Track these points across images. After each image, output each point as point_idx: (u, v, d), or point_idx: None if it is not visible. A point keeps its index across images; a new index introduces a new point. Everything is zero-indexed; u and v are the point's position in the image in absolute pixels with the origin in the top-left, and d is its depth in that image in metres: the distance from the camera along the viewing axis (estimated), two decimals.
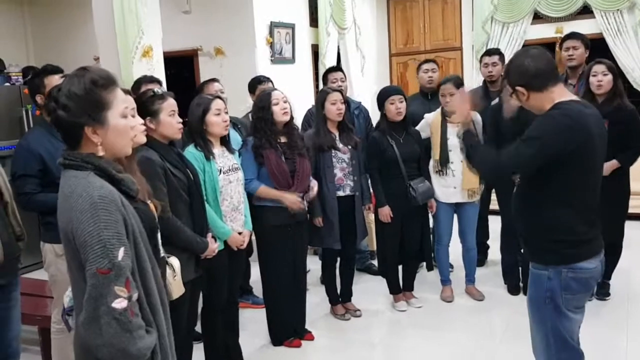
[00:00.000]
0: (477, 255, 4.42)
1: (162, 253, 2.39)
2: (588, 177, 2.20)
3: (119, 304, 1.45)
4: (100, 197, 1.48)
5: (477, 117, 4.01)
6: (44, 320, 3.34)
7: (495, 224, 4.50)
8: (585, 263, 2.21)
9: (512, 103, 3.17)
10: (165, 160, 2.56)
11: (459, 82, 3.92)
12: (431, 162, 3.97)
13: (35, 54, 6.22)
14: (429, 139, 3.95)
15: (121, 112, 1.59)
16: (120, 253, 1.47)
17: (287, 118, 3.31)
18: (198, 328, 3.20)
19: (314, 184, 3.48)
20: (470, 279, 4.21)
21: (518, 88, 2.20)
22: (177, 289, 2.44)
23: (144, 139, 2.10)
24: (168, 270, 2.40)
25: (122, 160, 1.99)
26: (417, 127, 3.99)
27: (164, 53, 4.38)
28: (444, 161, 3.89)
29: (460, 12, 7.13)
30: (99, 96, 1.54)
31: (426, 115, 4.04)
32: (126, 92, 2.16)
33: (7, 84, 5.31)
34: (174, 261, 2.45)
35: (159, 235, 2.33)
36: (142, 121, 2.12)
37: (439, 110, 3.99)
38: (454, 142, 3.85)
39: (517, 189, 2.37)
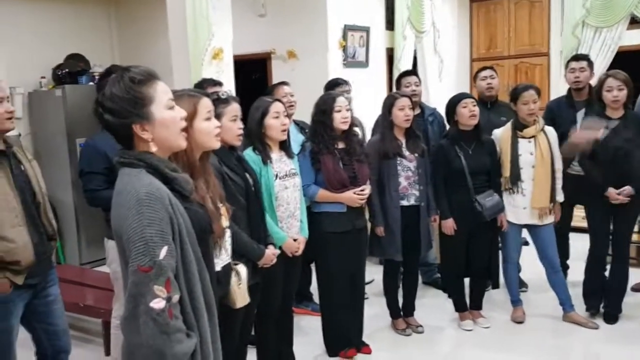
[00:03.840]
0: None
1: (229, 260, 2.37)
2: None
3: (157, 304, 1.42)
4: (147, 194, 1.47)
5: (551, 132, 3.74)
6: (107, 313, 3.42)
7: (576, 242, 4.19)
8: None
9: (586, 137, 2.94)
10: (223, 165, 2.53)
11: (539, 90, 3.71)
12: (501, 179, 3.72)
13: (120, 54, 6.48)
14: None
15: (165, 104, 1.58)
16: (163, 252, 1.44)
17: (345, 127, 3.22)
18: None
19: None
20: (567, 305, 3.81)
21: None
22: (241, 297, 2.41)
23: (217, 144, 2.06)
24: (233, 278, 2.37)
25: (195, 162, 1.99)
26: None
27: (239, 56, 4.42)
28: (515, 180, 3.63)
29: (549, 16, 6.74)
30: (139, 93, 1.54)
31: (495, 131, 3.79)
32: (204, 94, 2.13)
33: (91, 83, 5.56)
34: (241, 269, 2.41)
35: (227, 242, 2.31)
36: (218, 124, 2.09)
37: (508, 124, 3.73)
38: (525, 159, 3.61)
39: None
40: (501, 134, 3.73)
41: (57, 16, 5.93)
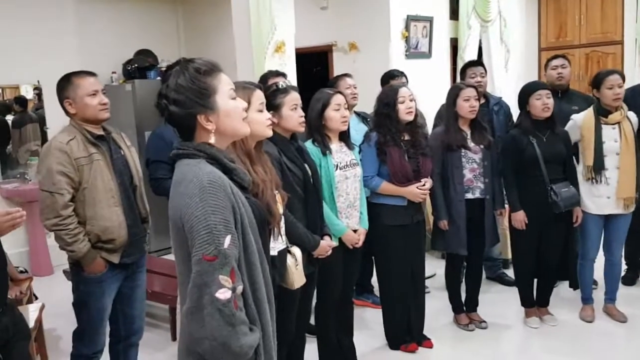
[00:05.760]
0: (626, 273, 3.97)
1: (285, 244, 2.41)
2: None
3: (223, 294, 1.37)
4: (210, 182, 1.44)
5: (634, 117, 3.57)
6: (174, 299, 3.53)
7: None
8: None
9: None
10: (282, 155, 2.55)
11: (623, 75, 3.53)
12: (580, 169, 3.57)
13: (186, 49, 6.65)
14: (577, 144, 3.57)
15: (228, 94, 1.57)
16: (227, 241, 1.40)
17: (410, 118, 3.18)
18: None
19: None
20: (611, 297, 3.75)
21: None
22: (298, 278, 2.46)
23: (270, 133, 2.13)
24: (291, 260, 2.42)
25: (251, 150, 2.07)
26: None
27: (300, 49, 4.44)
28: (598, 168, 3.46)
29: (623, 2, 6.42)
30: (204, 83, 1.53)
31: (574, 116, 3.62)
32: (257, 86, 2.19)
33: (159, 78, 5.73)
34: (296, 250, 2.47)
35: (283, 228, 2.36)
36: (269, 115, 2.16)
37: (590, 110, 3.56)
38: (609, 146, 3.44)
39: None
40: (582, 121, 3.55)
41: (127, 13, 6.16)
